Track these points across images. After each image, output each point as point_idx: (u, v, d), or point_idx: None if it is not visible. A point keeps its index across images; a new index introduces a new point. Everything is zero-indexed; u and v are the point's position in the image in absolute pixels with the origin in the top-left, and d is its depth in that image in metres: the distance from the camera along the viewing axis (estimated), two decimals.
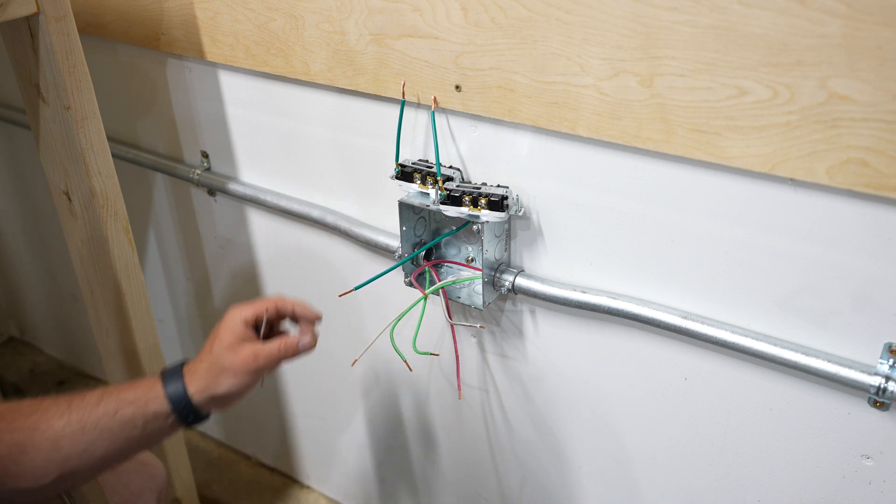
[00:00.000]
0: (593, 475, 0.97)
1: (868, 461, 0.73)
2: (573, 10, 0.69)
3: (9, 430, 0.72)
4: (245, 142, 1.09)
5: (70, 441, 0.73)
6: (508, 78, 0.77)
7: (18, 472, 0.71)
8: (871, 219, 0.64)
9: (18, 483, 0.72)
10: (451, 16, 0.77)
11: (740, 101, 0.64)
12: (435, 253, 0.94)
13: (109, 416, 0.74)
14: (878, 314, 0.67)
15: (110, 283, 1.04)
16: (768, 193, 0.68)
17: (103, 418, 0.74)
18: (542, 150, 0.80)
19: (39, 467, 0.72)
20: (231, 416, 1.49)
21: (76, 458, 0.73)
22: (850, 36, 0.57)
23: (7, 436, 0.71)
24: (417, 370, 1.09)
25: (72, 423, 0.73)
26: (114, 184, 0.98)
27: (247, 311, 0.81)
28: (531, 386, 0.96)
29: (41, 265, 1.67)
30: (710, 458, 0.85)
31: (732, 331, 0.75)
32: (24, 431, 0.72)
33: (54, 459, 0.72)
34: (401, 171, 0.87)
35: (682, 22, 0.64)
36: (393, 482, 1.27)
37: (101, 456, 0.74)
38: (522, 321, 0.92)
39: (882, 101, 0.58)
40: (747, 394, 0.78)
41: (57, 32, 0.87)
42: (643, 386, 0.86)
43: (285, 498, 1.42)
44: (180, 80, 1.11)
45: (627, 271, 0.81)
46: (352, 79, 0.89)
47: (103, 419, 0.74)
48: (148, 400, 0.76)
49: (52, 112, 0.92)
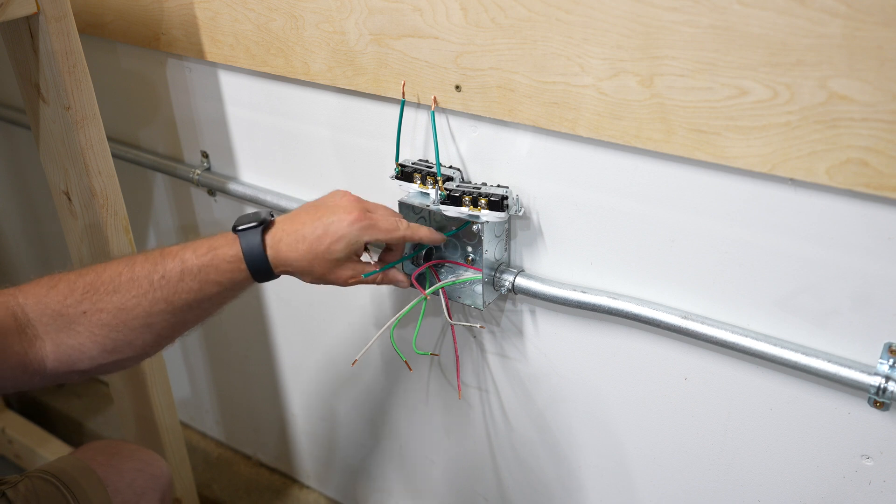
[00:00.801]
0: (593, 475, 0.97)
1: (868, 461, 0.73)
2: (573, 10, 0.69)
3: (96, 310, 0.75)
4: (245, 142, 1.09)
5: (159, 317, 0.76)
6: (508, 78, 0.77)
7: (116, 348, 0.76)
8: (871, 219, 0.64)
9: (119, 356, 0.77)
10: (451, 16, 0.77)
11: (740, 101, 0.64)
12: (435, 253, 0.94)
13: (196, 293, 0.77)
14: (877, 314, 0.67)
15: None
16: (768, 193, 0.68)
17: (189, 294, 0.77)
18: (542, 150, 0.80)
19: (135, 341, 0.76)
20: (231, 416, 1.49)
21: (168, 328, 0.78)
22: (850, 36, 0.57)
23: (96, 316, 0.75)
24: (417, 370, 1.09)
25: (158, 300, 0.76)
26: (114, 184, 0.98)
27: (374, 234, 0.79)
28: (531, 386, 0.96)
29: (41, 265, 1.67)
30: (710, 458, 0.85)
31: (732, 331, 0.75)
32: (112, 311, 0.75)
33: (149, 333, 0.77)
34: (401, 171, 0.87)
35: (682, 22, 0.64)
36: (393, 482, 1.27)
37: (191, 319, 0.79)
38: (522, 321, 0.92)
39: (882, 101, 0.58)
40: (747, 394, 0.78)
41: (57, 32, 0.87)
42: (643, 386, 0.86)
43: (285, 498, 1.42)
44: (180, 80, 1.11)
45: (627, 271, 0.81)
46: (352, 79, 0.89)
47: (189, 296, 0.77)
48: (234, 280, 0.78)
49: (52, 112, 0.92)
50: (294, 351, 1.26)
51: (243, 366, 1.37)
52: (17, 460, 1.55)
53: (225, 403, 1.49)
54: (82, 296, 0.75)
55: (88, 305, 0.74)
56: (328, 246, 0.77)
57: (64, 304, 0.74)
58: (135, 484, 0.94)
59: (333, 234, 0.77)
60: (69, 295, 0.75)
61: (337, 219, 0.78)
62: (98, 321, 0.74)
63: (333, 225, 0.77)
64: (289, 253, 0.77)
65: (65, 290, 0.75)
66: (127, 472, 0.94)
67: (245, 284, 0.79)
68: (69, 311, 0.74)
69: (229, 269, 0.77)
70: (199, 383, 1.50)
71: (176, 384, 1.49)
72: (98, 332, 0.75)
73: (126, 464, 0.95)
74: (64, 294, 0.75)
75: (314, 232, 0.77)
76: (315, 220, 0.78)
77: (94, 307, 0.74)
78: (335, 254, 0.77)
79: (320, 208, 0.79)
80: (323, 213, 0.78)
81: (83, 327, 0.74)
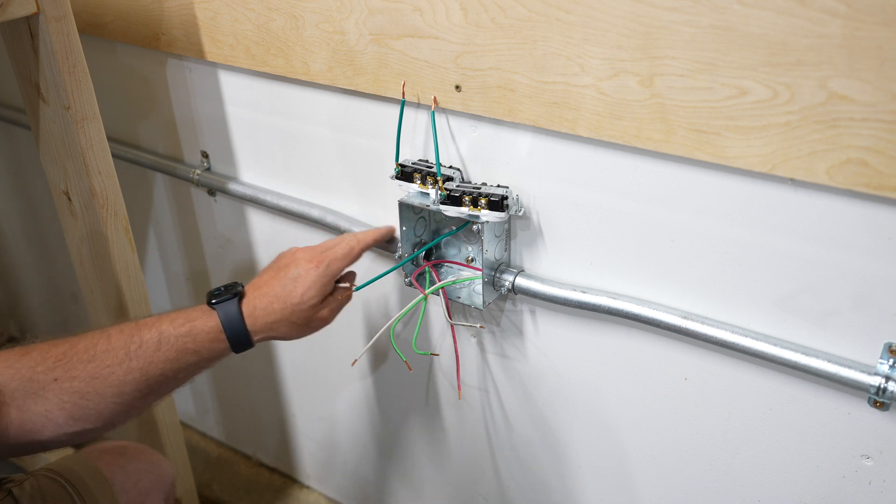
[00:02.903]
0: (593, 475, 0.97)
1: (868, 461, 0.73)
2: (573, 10, 0.69)
3: (69, 377, 0.75)
4: (245, 142, 1.09)
5: (132, 387, 0.76)
6: (508, 78, 0.77)
7: (83, 416, 0.75)
8: (871, 219, 0.64)
9: (85, 425, 0.76)
10: (451, 16, 0.77)
11: (740, 101, 0.64)
12: (435, 253, 0.94)
13: (171, 363, 0.78)
14: (877, 314, 0.67)
15: (110, 283, 1.04)
16: (768, 193, 0.68)
17: (164, 365, 0.77)
18: (542, 150, 0.80)
19: (104, 411, 0.76)
20: (231, 416, 1.49)
21: (140, 398, 0.77)
22: (850, 36, 0.57)
23: (67, 384, 0.74)
24: (417, 370, 1.09)
25: (132, 370, 0.76)
26: (114, 184, 0.98)
27: (336, 267, 0.84)
28: (531, 386, 0.96)
29: (41, 265, 1.67)
30: (709, 458, 0.85)
31: (732, 331, 0.75)
32: (84, 379, 0.75)
33: (119, 403, 0.76)
34: (401, 171, 0.87)
35: (682, 22, 0.64)
36: (393, 482, 1.27)
37: (163, 390, 0.79)
38: (522, 321, 0.92)
39: (882, 101, 0.58)
40: (747, 394, 0.78)
41: (57, 32, 0.87)
42: (643, 386, 0.86)
43: (285, 498, 1.42)
44: (180, 80, 1.11)
45: (627, 271, 0.81)
46: (352, 79, 0.89)
47: (165, 366, 0.77)
48: (211, 350, 0.79)
49: (52, 112, 0.92)
50: (294, 351, 1.26)
51: (243, 366, 1.37)
52: (16, 459, 1.55)
53: (225, 403, 1.49)
54: (55, 363, 0.75)
55: (61, 373, 0.74)
56: (301, 296, 0.81)
57: (35, 370, 0.74)
58: (140, 484, 0.95)
59: (303, 283, 0.81)
60: (41, 362, 0.75)
61: (302, 270, 0.82)
62: (69, 388, 0.74)
63: (300, 277, 0.81)
64: (265, 316, 0.80)
65: (37, 358, 0.75)
66: (133, 472, 0.95)
67: (222, 355, 0.81)
68: (40, 378, 0.74)
69: (207, 340, 0.79)
70: (200, 383, 1.50)
71: None
72: (68, 399, 0.74)
73: (132, 464, 0.96)
74: (36, 361, 0.75)
75: (284, 288, 0.81)
76: (282, 279, 0.82)
77: (67, 374, 0.74)
78: (310, 300, 0.81)
79: (281, 268, 0.83)
80: (285, 271, 0.82)
81: (53, 394, 0.74)
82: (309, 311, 0.82)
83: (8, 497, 0.84)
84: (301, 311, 0.81)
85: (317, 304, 0.82)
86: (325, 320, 0.84)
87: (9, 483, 0.86)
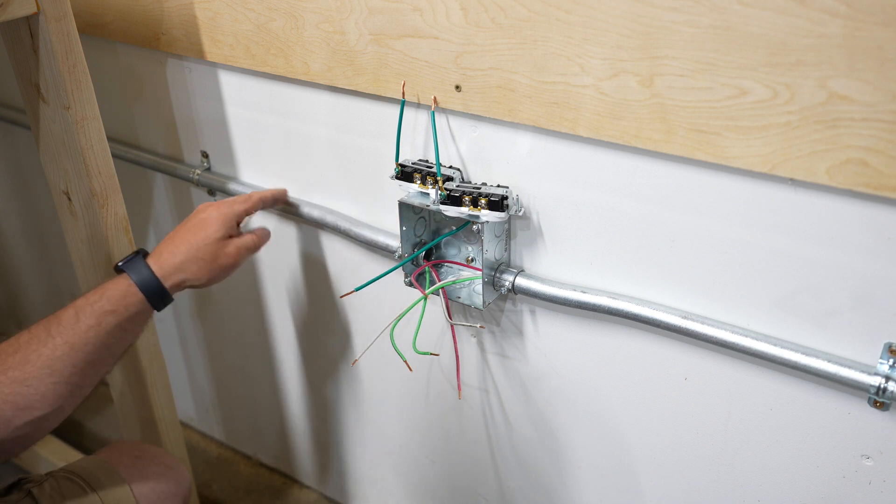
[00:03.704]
0: (593, 475, 0.97)
1: (868, 461, 0.73)
2: (573, 10, 0.69)
3: (1, 370, 0.76)
4: (245, 142, 1.09)
5: (63, 362, 0.77)
6: (508, 78, 0.77)
7: (28, 404, 0.76)
8: (871, 219, 0.64)
9: (34, 413, 0.77)
10: (451, 16, 0.77)
11: (740, 101, 0.64)
12: (435, 253, 0.94)
13: (94, 329, 0.79)
14: (877, 314, 0.67)
15: None
16: (768, 193, 0.68)
17: (88, 332, 0.79)
18: (542, 150, 0.80)
19: (46, 393, 0.77)
20: (231, 416, 1.49)
21: (77, 373, 0.78)
22: (850, 36, 0.57)
23: (2, 376, 0.76)
24: (417, 370, 1.09)
25: (59, 345, 0.77)
26: (114, 184, 0.98)
27: (238, 208, 0.90)
28: (531, 386, 0.96)
29: (41, 265, 1.67)
30: (710, 458, 0.85)
31: (732, 331, 0.75)
32: (16, 367, 0.76)
33: (57, 382, 0.77)
34: (401, 171, 0.87)
35: (682, 22, 0.64)
36: (393, 482, 1.27)
37: (98, 361, 0.80)
38: (522, 321, 0.92)
39: (882, 101, 0.58)
40: (747, 394, 0.78)
41: (57, 32, 0.87)
42: (643, 386, 0.86)
43: (285, 498, 1.42)
44: (180, 80, 1.11)
45: (627, 271, 0.81)
46: (352, 79, 0.89)
47: (88, 333, 0.79)
48: (128, 307, 0.81)
49: (52, 112, 0.92)
50: (294, 351, 1.26)
51: (243, 366, 1.37)
52: (17, 460, 1.55)
53: (225, 403, 1.49)
54: None
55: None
56: (204, 231, 0.85)
57: None
58: (158, 488, 0.95)
59: (206, 221, 0.86)
60: None
61: (204, 214, 0.88)
62: (5, 379, 0.75)
63: (202, 218, 0.87)
64: (171, 258, 0.84)
65: None
66: (150, 475, 0.95)
67: (143, 313, 0.83)
68: None
69: (122, 296, 0.81)
70: (200, 383, 1.50)
71: (176, 384, 1.49)
72: (8, 390, 0.75)
73: (150, 468, 0.96)
74: None
75: (189, 231, 0.86)
76: (186, 224, 0.87)
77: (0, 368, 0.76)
78: (213, 234, 0.85)
79: (188, 220, 0.88)
80: (191, 219, 0.89)
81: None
82: (214, 244, 0.85)
83: (27, 497, 0.85)
84: (206, 245, 0.85)
85: (220, 238, 0.86)
86: (231, 257, 0.88)
87: (28, 483, 0.87)
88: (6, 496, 0.85)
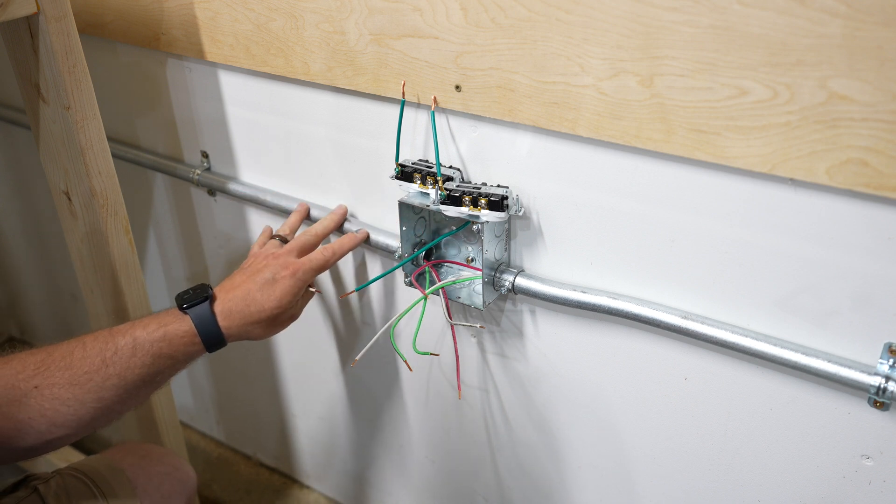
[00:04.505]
0: (593, 475, 0.97)
1: (868, 461, 0.73)
2: (573, 10, 0.69)
3: (48, 384, 0.76)
4: (245, 142, 1.09)
5: (111, 392, 0.78)
6: (508, 78, 0.77)
7: (64, 422, 0.76)
8: (871, 219, 0.64)
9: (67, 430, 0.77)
10: (451, 16, 0.77)
11: (740, 101, 0.64)
12: (435, 253, 0.94)
13: (148, 368, 0.79)
14: (878, 314, 0.67)
15: (110, 283, 1.04)
16: (768, 193, 0.68)
17: (142, 370, 0.78)
18: (542, 150, 0.80)
19: (84, 416, 0.77)
20: (231, 416, 1.49)
21: (119, 402, 0.79)
22: (850, 36, 0.57)
23: (48, 391, 0.76)
24: (417, 370, 1.09)
25: (110, 376, 0.77)
26: (114, 184, 0.98)
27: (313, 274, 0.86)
28: (531, 386, 0.96)
29: (41, 265, 1.67)
30: (709, 458, 0.85)
31: (732, 331, 0.75)
32: (63, 386, 0.76)
33: (98, 407, 0.77)
34: (401, 171, 0.87)
35: (682, 22, 0.64)
36: (392, 482, 1.27)
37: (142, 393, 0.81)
38: (522, 321, 0.92)
39: (882, 101, 0.58)
40: (747, 394, 0.78)
41: (57, 32, 0.87)
42: (643, 386, 0.86)
43: (285, 498, 1.42)
44: (180, 80, 1.11)
45: (627, 271, 0.81)
46: (352, 79, 0.89)
47: (142, 371, 0.78)
48: (186, 353, 0.81)
49: (52, 112, 0.92)
50: (294, 351, 1.26)
51: (243, 366, 1.37)
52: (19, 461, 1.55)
53: (225, 403, 1.49)
54: (35, 371, 0.76)
55: (40, 380, 0.75)
56: (277, 301, 0.83)
57: (17, 378, 0.75)
58: (162, 487, 0.95)
59: (279, 289, 0.83)
60: (22, 370, 0.76)
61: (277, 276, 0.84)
62: (50, 395, 0.75)
63: (276, 283, 0.83)
64: (241, 319, 0.82)
65: (17, 366, 0.76)
66: (155, 475, 0.96)
67: (197, 356, 0.82)
68: (21, 385, 0.75)
69: (182, 343, 0.80)
70: (200, 383, 1.50)
71: (176, 384, 1.49)
72: (48, 406, 0.75)
73: (155, 467, 0.97)
74: (17, 369, 0.76)
75: (261, 292, 0.83)
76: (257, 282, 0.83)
77: (47, 381, 0.75)
78: (285, 306, 0.83)
79: (255, 272, 0.84)
80: (260, 275, 0.84)
81: (34, 401, 0.75)
82: (286, 312, 0.85)
83: (34, 494, 0.85)
84: (277, 314, 0.83)
85: (292, 305, 0.85)
86: (295, 318, 0.88)
87: (35, 481, 0.87)
88: (13, 493, 0.86)
